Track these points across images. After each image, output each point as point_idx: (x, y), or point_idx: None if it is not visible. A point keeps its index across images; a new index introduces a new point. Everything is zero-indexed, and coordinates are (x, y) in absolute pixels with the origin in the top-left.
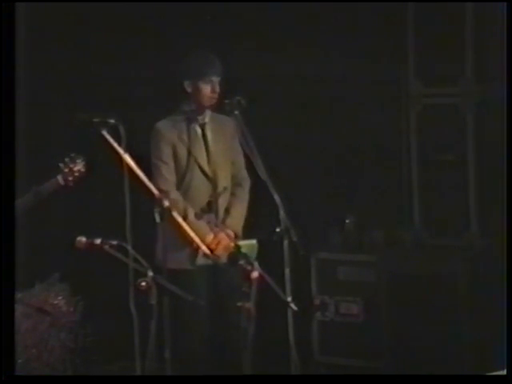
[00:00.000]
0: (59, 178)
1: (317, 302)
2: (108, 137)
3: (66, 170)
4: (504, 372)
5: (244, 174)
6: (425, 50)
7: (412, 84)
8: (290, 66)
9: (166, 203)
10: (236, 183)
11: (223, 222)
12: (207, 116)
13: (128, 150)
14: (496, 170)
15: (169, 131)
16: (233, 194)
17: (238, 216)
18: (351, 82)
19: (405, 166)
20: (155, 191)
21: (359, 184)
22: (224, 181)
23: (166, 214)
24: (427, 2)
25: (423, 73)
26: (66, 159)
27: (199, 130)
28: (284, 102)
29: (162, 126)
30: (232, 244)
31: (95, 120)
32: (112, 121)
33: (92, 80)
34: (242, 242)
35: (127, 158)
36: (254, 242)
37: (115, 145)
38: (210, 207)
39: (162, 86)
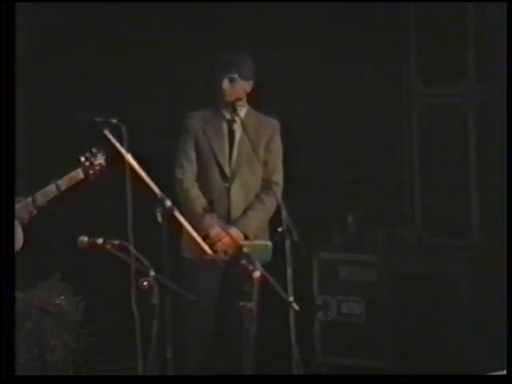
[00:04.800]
0: (79, 171)
1: (318, 301)
2: (110, 136)
3: (87, 164)
4: (504, 372)
5: (276, 178)
6: (426, 50)
7: (414, 84)
8: (291, 67)
9: (168, 203)
10: (264, 186)
11: (236, 221)
12: (240, 113)
13: (130, 149)
14: (497, 170)
15: (194, 122)
16: (257, 197)
17: (255, 218)
18: (353, 82)
19: (406, 166)
20: (157, 191)
21: (361, 184)
22: (244, 181)
23: (168, 213)
24: (429, 2)
25: (425, 73)
26: (87, 153)
27: (225, 126)
28: (284, 102)
29: (191, 116)
30: (236, 243)
31: (97, 120)
32: (114, 120)
33: (93, 80)
34: (254, 243)
35: (129, 158)
36: (268, 243)
37: (117, 144)
38: (219, 204)
39: (164, 86)
